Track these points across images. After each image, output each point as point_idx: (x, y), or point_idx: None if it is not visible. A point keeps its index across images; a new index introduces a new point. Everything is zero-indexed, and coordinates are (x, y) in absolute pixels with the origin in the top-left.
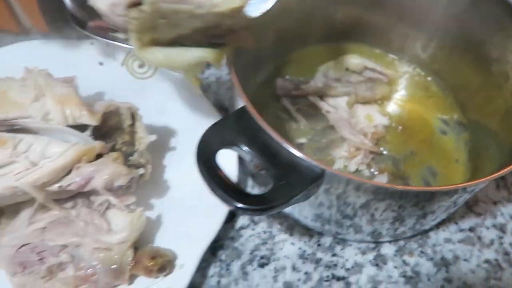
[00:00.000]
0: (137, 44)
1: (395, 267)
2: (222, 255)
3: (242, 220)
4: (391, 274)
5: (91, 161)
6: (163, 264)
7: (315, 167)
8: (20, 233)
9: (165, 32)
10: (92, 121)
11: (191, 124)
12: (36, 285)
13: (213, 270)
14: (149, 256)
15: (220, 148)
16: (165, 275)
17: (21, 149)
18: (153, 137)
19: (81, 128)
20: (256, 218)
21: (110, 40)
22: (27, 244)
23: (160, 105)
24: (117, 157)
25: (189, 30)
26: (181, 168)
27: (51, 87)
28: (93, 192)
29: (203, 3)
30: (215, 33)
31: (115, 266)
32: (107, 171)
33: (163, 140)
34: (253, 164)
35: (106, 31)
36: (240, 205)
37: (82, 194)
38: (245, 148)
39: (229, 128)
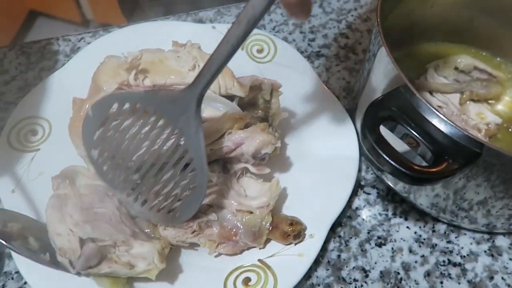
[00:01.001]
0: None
1: (511, 259)
2: (341, 232)
3: (358, 202)
4: (507, 265)
5: (241, 129)
6: (300, 231)
7: (476, 143)
8: None
9: None
10: (241, 93)
11: (307, 107)
12: (186, 238)
13: (332, 244)
14: (288, 222)
15: (381, 122)
16: (296, 243)
17: None
18: (285, 114)
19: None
20: (372, 200)
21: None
22: None
23: None
24: (265, 127)
25: None
26: (300, 147)
27: (204, 59)
28: (230, 160)
29: None
30: None
31: (254, 228)
32: (257, 138)
33: (282, 119)
34: (407, 141)
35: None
36: (408, 172)
37: (218, 162)
38: (403, 124)
39: (386, 105)
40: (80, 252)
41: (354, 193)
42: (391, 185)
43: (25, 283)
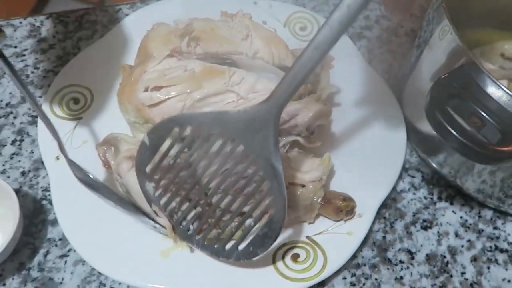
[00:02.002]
0: None
1: None
2: (386, 213)
3: (403, 184)
4: None
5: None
6: (353, 207)
7: None
8: None
9: None
10: None
11: (352, 87)
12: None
13: (377, 226)
14: (341, 198)
15: (448, 100)
16: (346, 220)
17: (235, 80)
18: (334, 89)
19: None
20: (416, 183)
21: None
22: None
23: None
24: (319, 98)
25: None
26: (346, 125)
27: (257, 29)
28: (280, 133)
29: None
30: None
31: (306, 202)
32: (313, 109)
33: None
34: (472, 120)
35: None
36: (481, 150)
37: None
38: (471, 102)
39: (451, 84)
40: None
41: (398, 176)
42: (437, 168)
43: (69, 250)
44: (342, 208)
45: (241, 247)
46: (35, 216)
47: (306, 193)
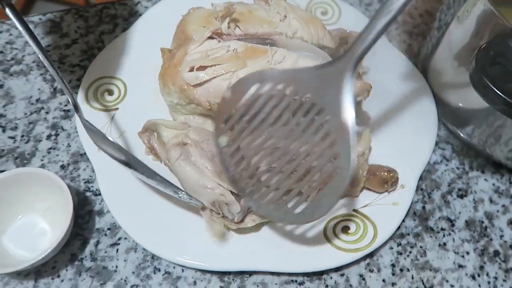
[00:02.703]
0: None
1: None
2: (422, 185)
3: (435, 157)
4: None
5: None
6: (397, 178)
7: None
8: None
9: None
10: (331, 44)
11: (379, 67)
12: (289, 184)
13: (416, 197)
14: (385, 170)
15: (491, 66)
16: (390, 192)
17: (277, 59)
18: (366, 68)
19: None
20: (448, 155)
21: None
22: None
23: None
24: (358, 74)
25: None
26: (376, 102)
27: (293, 10)
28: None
29: None
30: None
31: (353, 176)
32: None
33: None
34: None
35: None
36: None
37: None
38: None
39: (491, 53)
40: (240, 206)
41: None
42: (467, 139)
43: (119, 238)
44: (387, 179)
45: (299, 209)
46: (81, 207)
47: None
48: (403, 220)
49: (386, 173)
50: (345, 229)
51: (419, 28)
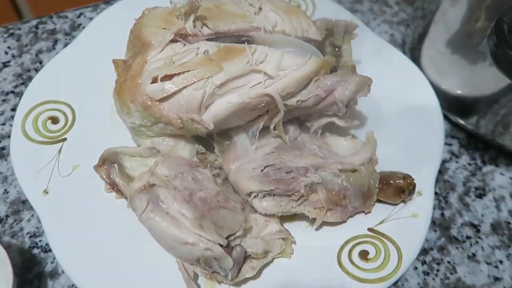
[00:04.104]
0: None
1: None
2: (436, 188)
3: (443, 154)
4: None
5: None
6: (414, 184)
7: None
8: (252, 157)
9: None
10: (318, 36)
11: (366, 59)
12: (290, 207)
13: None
14: (400, 177)
15: None
16: (406, 201)
17: (258, 58)
18: (358, 62)
19: None
20: (456, 150)
21: None
22: (269, 166)
23: None
24: (354, 68)
25: None
26: (371, 100)
27: (269, 0)
28: (309, 117)
29: None
30: None
31: (363, 188)
32: (353, 80)
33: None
34: None
35: None
36: None
37: (292, 122)
38: None
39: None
40: (232, 260)
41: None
42: (474, 130)
43: None
44: (404, 187)
45: None
46: (28, 270)
47: (360, 178)
48: None
49: (401, 181)
50: (363, 254)
51: (397, 16)
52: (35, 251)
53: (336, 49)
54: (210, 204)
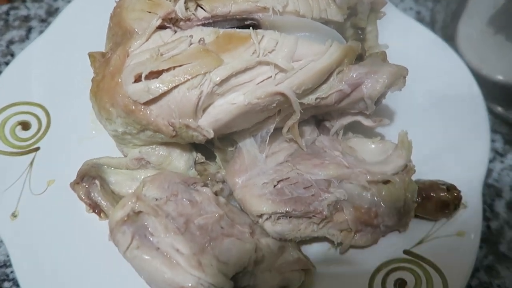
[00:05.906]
0: None
1: None
2: None
3: None
4: None
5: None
6: (460, 197)
7: None
8: (262, 169)
9: None
10: (339, 17)
11: (396, 41)
12: (311, 230)
13: None
14: (443, 188)
15: None
16: (449, 218)
17: (266, 47)
18: (386, 46)
19: None
20: (500, 148)
21: None
22: (283, 180)
23: None
24: (384, 56)
25: None
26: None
27: None
28: (329, 116)
29: None
30: None
31: (399, 203)
32: (385, 72)
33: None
34: None
35: None
36: None
37: (308, 122)
38: None
39: None
40: None
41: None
42: None
43: None
44: (449, 201)
45: None
46: None
47: (394, 191)
48: None
49: (446, 193)
50: (401, 285)
51: None
52: (6, 285)
53: (359, 31)
54: (211, 233)
